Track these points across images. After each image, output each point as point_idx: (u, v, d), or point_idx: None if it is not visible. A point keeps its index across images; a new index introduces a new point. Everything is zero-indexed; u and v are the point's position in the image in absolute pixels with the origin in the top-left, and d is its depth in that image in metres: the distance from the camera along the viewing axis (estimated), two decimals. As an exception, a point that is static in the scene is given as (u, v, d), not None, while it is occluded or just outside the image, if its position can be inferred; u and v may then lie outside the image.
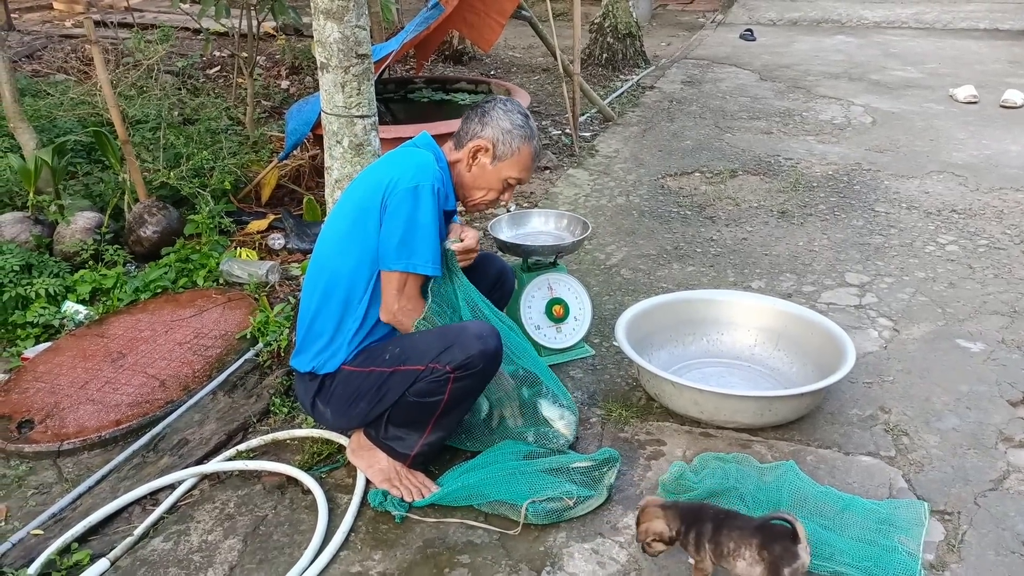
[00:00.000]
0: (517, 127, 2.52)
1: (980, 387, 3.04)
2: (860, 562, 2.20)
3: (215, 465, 2.68)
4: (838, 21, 10.88)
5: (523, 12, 5.74)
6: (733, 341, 3.19)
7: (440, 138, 4.33)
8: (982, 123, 6.29)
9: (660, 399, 2.85)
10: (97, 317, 3.61)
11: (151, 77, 6.02)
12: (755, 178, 5.19)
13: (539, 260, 3.20)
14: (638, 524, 2.17)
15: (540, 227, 3.33)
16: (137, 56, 5.79)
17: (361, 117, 2.98)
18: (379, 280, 2.43)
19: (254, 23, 5.39)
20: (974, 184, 5.03)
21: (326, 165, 3.08)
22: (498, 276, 2.83)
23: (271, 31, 8.24)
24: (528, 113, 2.60)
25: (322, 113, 3.01)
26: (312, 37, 7.93)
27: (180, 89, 6.01)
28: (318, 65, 2.95)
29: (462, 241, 2.54)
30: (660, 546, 2.13)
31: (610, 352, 3.29)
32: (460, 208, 2.78)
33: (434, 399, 2.40)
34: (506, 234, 3.22)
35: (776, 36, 9.94)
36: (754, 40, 9.59)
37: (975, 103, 6.83)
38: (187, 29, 8.71)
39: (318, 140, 4.78)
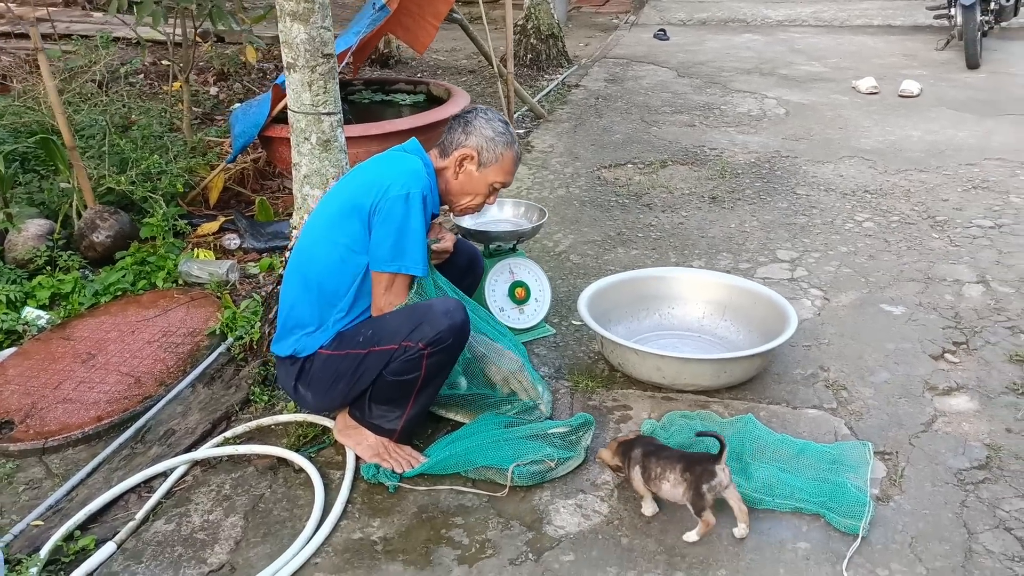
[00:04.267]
0: (499, 134, 2.67)
1: (904, 344, 3.35)
2: (817, 498, 2.45)
3: (206, 451, 2.77)
4: (744, 20, 11.37)
5: (455, 15, 5.91)
6: (683, 314, 3.43)
7: (388, 137, 4.49)
8: (884, 112, 6.74)
9: (624, 368, 3.07)
10: (60, 321, 3.64)
11: (77, 87, 5.97)
12: (684, 167, 5.48)
13: (500, 246, 3.39)
14: None
15: (499, 215, 3.52)
16: (68, 64, 5.75)
17: (328, 114, 3.11)
18: (367, 273, 2.57)
19: (190, 29, 5.42)
20: (882, 167, 5.43)
21: (294, 162, 3.19)
22: (469, 262, 2.99)
23: (197, 38, 8.19)
24: (507, 120, 2.76)
25: (289, 111, 3.12)
26: (238, 43, 7.90)
27: (106, 97, 5.97)
28: (285, 65, 3.06)
29: (440, 241, 2.72)
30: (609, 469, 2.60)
31: (569, 330, 3.50)
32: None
33: (412, 376, 2.55)
34: (468, 222, 3.39)
35: (688, 35, 10.35)
36: (668, 40, 9.97)
37: (876, 94, 7.29)
38: (114, 38, 8.58)
39: (263, 142, 4.86)
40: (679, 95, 7.33)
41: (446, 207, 2.79)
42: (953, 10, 8.50)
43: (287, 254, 3.26)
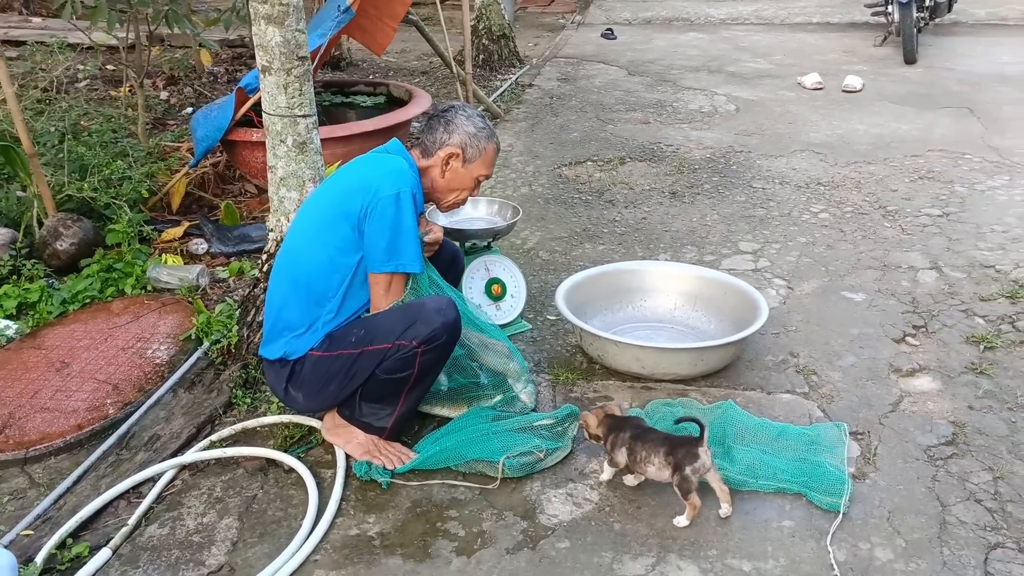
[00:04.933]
0: (480, 129, 2.72)
1: (867, 329, 3.49)
2: (798, 478, 2.55)
3: (194, 455, 2.77)
4: (688, 19, 11.57)
5: (410, 16, 5.94)
6: (655, 306, 3.52)
7: (353, 139, 4.51)
8: (830, 106, 6.94)
9: (603, 360, 3.14)
10: (29, 331, 3.58)
11: (34, 93, 5.86)
12: (642, 164, 5.59)
13: (475, 243, 3.44)
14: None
15: (472, 213, 3.56)
16: (23, 70, 5.63)
17: (303, 116, 3.12)
18: (355, 274, 2.59)
19: (143, 33, 5.36)
20: (832, 160, 5.60)
21: (269, 165, 3.19)
22: (451, 258, 3.04)
23: (133, 41, 8.06)
24: (483, 114, 2.82)
25: (264, 114, 3.13)
26: (186, 47, 7.80)
27: (64, 103, 5.88)
28: (259, 68, 3.07)
29: (430, 234, 2.76)
30: (586, 435, 2.66)
31: (545, 324, 3.56)
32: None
33: (404, 374, 2.59)
34: (444, 221, 3.43)
35: (634, 35, 10.51)
36: (615, 39, 10.10)
37: (821, 89, 7.50)
38: (46, 44, 8.41)
39: (226, 146, 4.83)
40: (631, 93, 7.45)
41: (431, 205, 2.83)
42: (890, 7, 8.78)
43: (264, 257, 3.27)
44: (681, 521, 2.42)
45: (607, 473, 2.60)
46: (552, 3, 13.13)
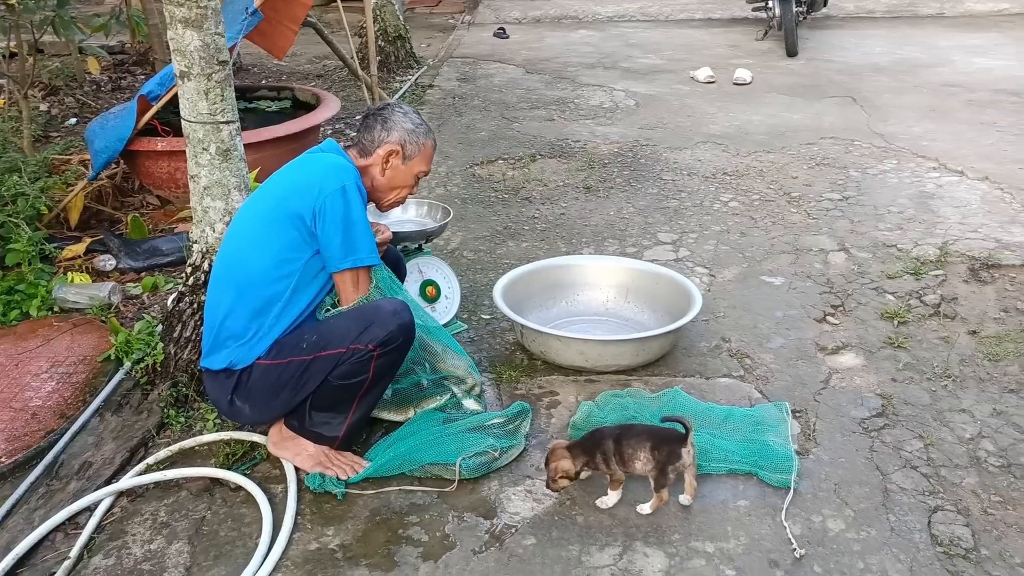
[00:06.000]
0: (417, 126, 2.69)
1: (791, 311, 3.62)
2: (748, 459, 2.63)
3: (132, 480, 2.64)
4: (576, 17, 11.72)
5: (309, 19, 5.82)
6: (588, 299, 3.57)
7: (264, 145, 4.39)
8: (724, 99, 7.17)
9: (546, 355, 3.16)
10: (-72, 361, 3.34)
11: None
12: (553, 160, 5.64)
13: (407, 246, 3.40)
14: (547, 464, 2.51)
15: (401, 215, 3.52)
16: None
17: (226, 123, 3.00)
18: (300, 277, 2.52)
19: (22, 41, 5.07)
20: (734, 150, 5.79)
21: (191, 174, 3.07)
22: (395, 264, 2.99)
23: (14, 49, 7.62)
24: (418, 111, 2.79)
25: (184, 122, 3.01)
26: (64, 55, 7.41)
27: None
28: (177, 74, 2.95)
29: (379, 234, 2.71)
30: (565, 482, 2.49)
31: (480, 324, 3.55)
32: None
33: (359, 379, 2.53)
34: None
35: (526, 33, 10.58)
36: (508, 38, 10.15)
37: (714, 83, 7.74)
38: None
39: (125, 157, 4.62)
40: (532, 91, 7.50)
41: (369, 206, 2.79)
42: (771, 3, 9.13)
43: (188, 269, 3.14)
44: (644, 509, 2.45)
45: (613, 498, 2.49)
46: (440, 3, 13.09)
